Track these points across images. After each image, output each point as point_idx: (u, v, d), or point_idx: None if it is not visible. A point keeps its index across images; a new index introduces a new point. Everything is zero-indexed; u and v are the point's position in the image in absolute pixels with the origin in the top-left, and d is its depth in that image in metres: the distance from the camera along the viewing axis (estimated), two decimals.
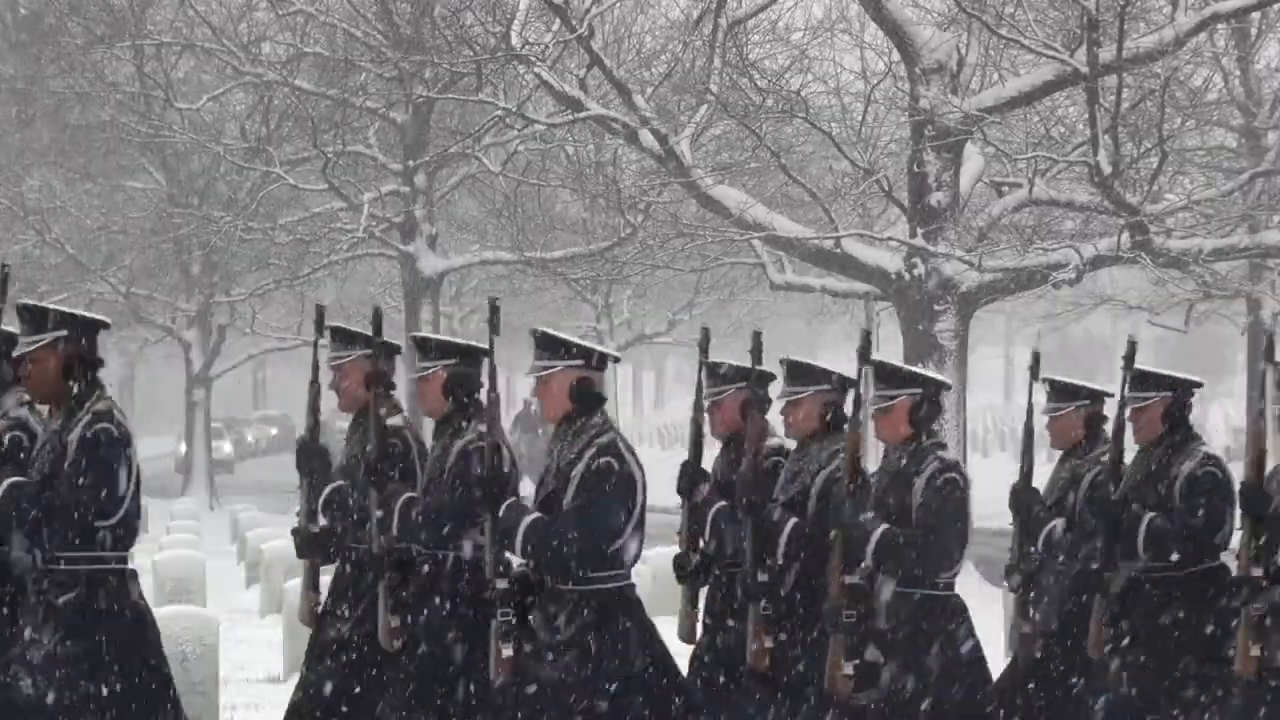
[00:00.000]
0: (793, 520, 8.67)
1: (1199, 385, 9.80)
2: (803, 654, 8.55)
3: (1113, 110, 22.87)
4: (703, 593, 9.14)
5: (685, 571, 9.01)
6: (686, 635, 9.14)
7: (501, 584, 7.83)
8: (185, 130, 36.54)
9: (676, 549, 9.08)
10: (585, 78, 26.21)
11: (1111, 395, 9.80)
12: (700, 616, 9.16)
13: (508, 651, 7.78)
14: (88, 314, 8.40)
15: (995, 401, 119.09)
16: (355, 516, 8.73)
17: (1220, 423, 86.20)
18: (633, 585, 7.98)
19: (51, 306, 8.33)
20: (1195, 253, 24.74)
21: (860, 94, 28.01)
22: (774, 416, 9.32)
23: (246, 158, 36.41)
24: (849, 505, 8.29)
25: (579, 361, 8.09)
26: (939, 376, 8.73)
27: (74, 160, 40.59)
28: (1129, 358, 9.41)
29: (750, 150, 28.14)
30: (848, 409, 8.85)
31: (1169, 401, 9.57)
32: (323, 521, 9.02)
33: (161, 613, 12.73)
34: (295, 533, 9.18)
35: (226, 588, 23.47)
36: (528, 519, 7.80)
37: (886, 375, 8.54)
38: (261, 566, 21.43)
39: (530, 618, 7.78)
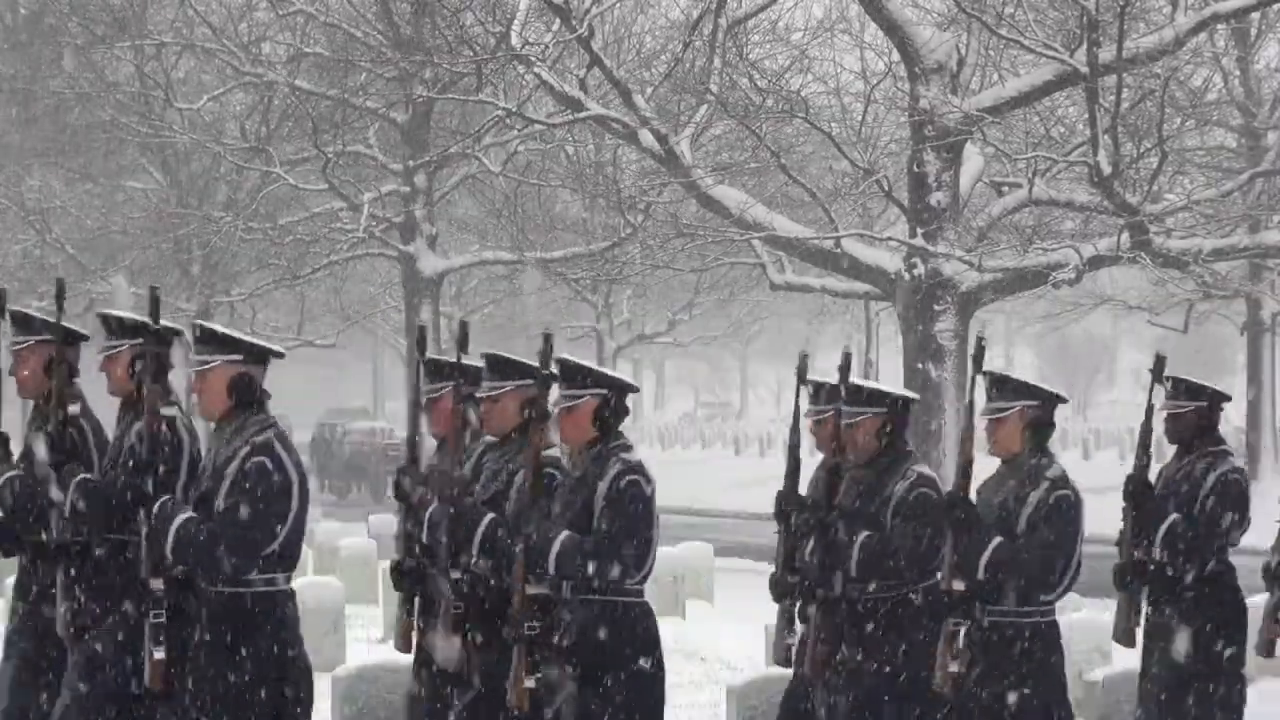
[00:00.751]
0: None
1: (1228, 399, 10.13)
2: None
3: (1113, 110, 22.87)
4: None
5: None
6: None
7: (157, 584, 7.73)
8: (185, 130, 36.53)
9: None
10: (585, 78, 26.20)
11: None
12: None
13: (159, 654, 7.69)
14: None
15: None
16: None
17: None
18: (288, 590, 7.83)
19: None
20: (1195, 253, 24.74)
21: (860, 94, 28.03)
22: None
23: (246, 158, 36.41)
24: (532, 513, 7.94)
25: (237, 356, 8.03)
26: (625, 378, 8.34)
27: (74, 160, 40.59)
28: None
29: (750, 150, 28.14)
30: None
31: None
32: None
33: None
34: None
35: None
36: (179, 518, 7.70)
37: (571, 375, 8.12)
38: None
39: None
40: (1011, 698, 8.45)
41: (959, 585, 8.33)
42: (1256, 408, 39.01)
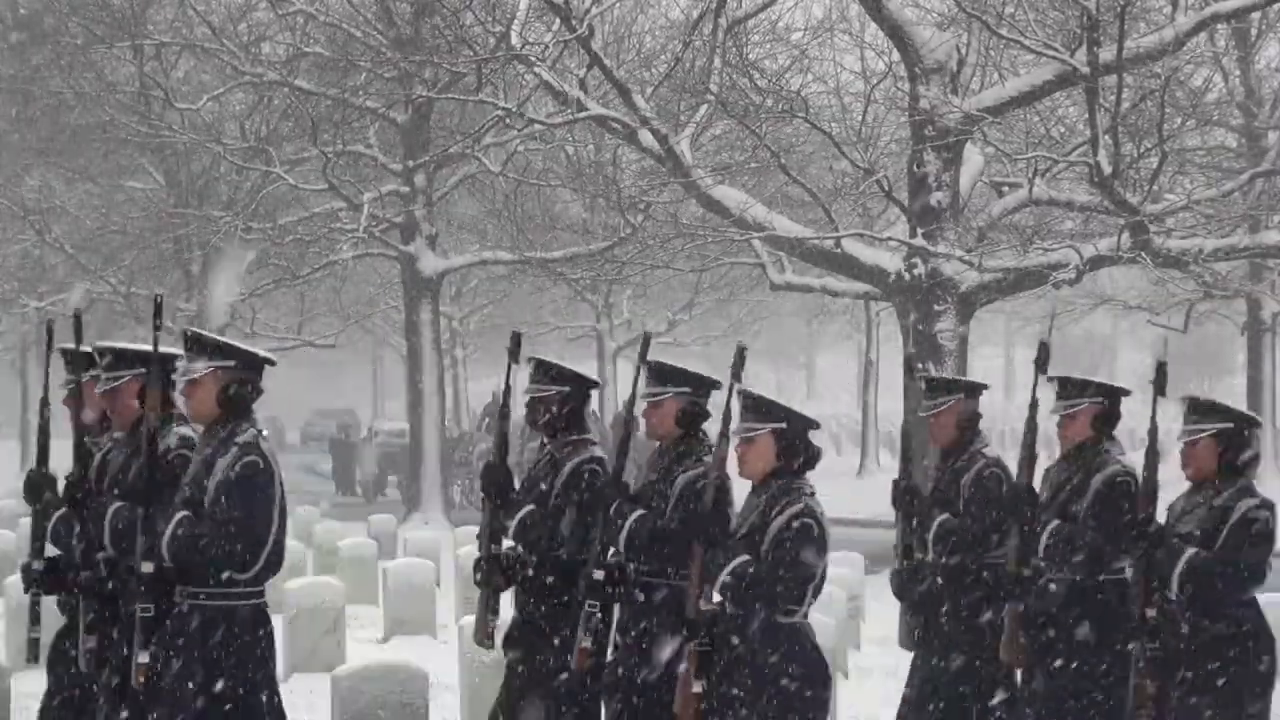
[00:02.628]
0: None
1: (1126, 393, 9.74)
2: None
3: (1113, 110, 22.87)
4: None
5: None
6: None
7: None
8: (185, 130, 36.52)
9: None
10: (585, 78, 26.20)
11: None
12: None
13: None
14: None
15: (995, 401, 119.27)
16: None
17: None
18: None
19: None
20: (1195, 253, 24.74)
21: (860, 94, 28.03)
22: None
23: (246, 158, 36.39)
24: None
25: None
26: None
27: (74, 160, 40.58)
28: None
29: (750, 150, 28.13)
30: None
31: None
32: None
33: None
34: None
35: None
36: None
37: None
38: None
39: None
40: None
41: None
42: (1256, 408, 38.98)
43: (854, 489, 47.19)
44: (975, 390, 9.66)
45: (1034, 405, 8.90)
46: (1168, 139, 24.20)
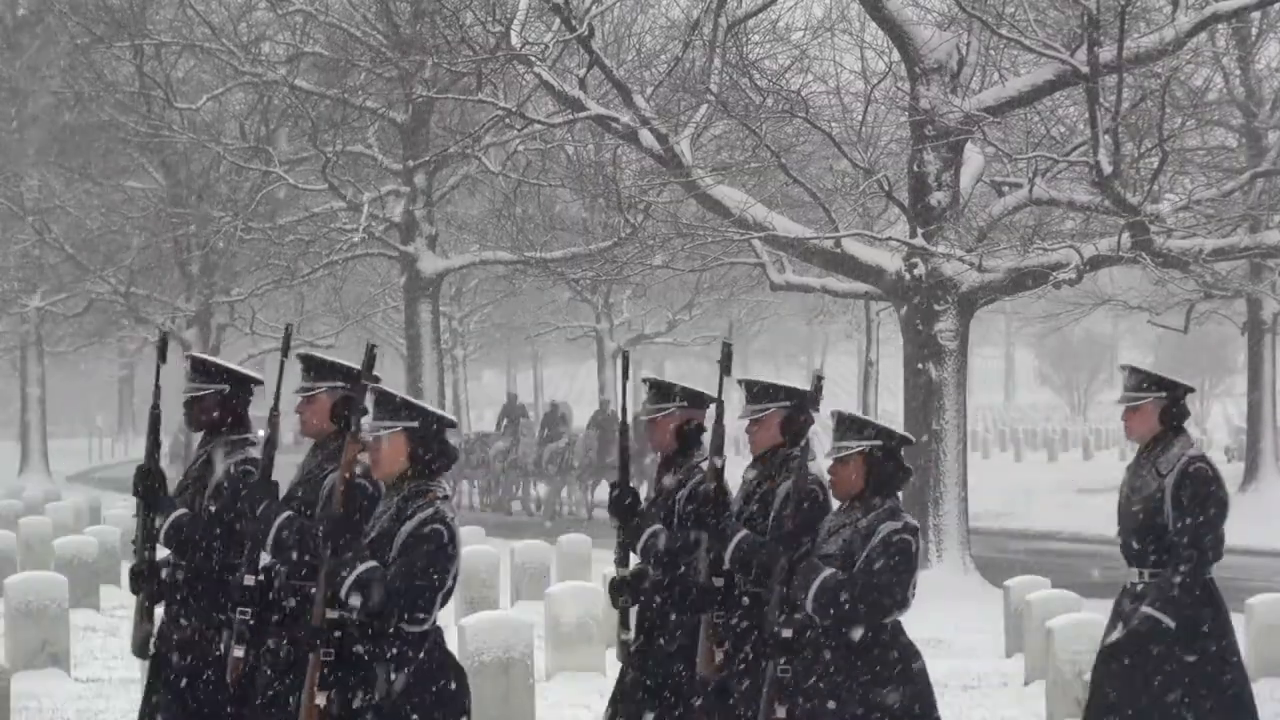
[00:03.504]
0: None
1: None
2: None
3: (1113, 110, 22.86)
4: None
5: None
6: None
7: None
8: (185, 130, 36.53)
9: None
10: (585, 78, 26.19)
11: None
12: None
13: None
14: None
15: (995, 401, 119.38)
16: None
17: (1221, 422, 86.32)
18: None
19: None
20: (1195, 253, 24.72)
21: (860, 94, 27.97)
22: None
23: (246, 158, 36.40)
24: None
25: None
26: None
27: (74, 160, 40.60)
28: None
29: (750, 150, 28.11)
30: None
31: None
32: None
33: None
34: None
35: None
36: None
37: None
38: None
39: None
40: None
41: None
42: (1257, 408, 38.96)
43: None
44: (699, 400, 9.08)
45: (720, 407, 8.67)
46: (1168, 139, 24.18)
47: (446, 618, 18.84)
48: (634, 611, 8.92)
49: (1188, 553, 9.10)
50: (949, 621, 19.82)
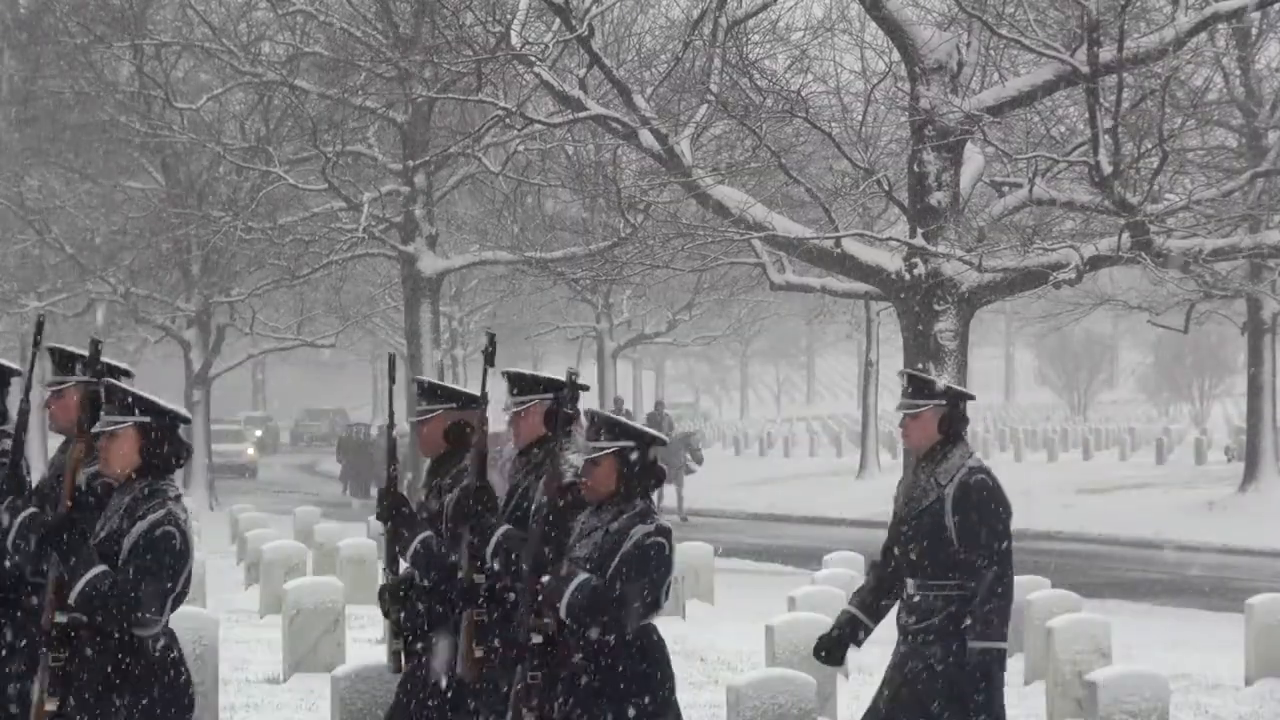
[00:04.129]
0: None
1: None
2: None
3: (1113, 110, 22.86)
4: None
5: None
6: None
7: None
8: (185, 130, 36.54)
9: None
10: (585, 78, 26.19)
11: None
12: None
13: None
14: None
15: (995, 401, 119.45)
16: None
17: (1221, 422, 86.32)
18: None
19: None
20: (1195, 253, 24.72)
21: (860, 94, 27.99)
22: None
23: (246, 158, 36.40)
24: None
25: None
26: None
27: (74, 160, 40.61)
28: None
29: (750, 150, 28.11)
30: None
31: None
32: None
33: None
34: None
35: (226, 588, 23.47)
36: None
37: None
38: (261, 567, 21.40)
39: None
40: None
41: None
42: (1257, 408, 38.96)
43: (854, 489, 47.23)
44: (470, 402, 8.81)
45: (484, 398, 8.47)
46: (1168, 139, 24.18)
47: None
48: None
49: (987, 568, 8.72)
50: None
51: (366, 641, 17.77)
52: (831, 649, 9.14)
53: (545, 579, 7.57)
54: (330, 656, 15.32)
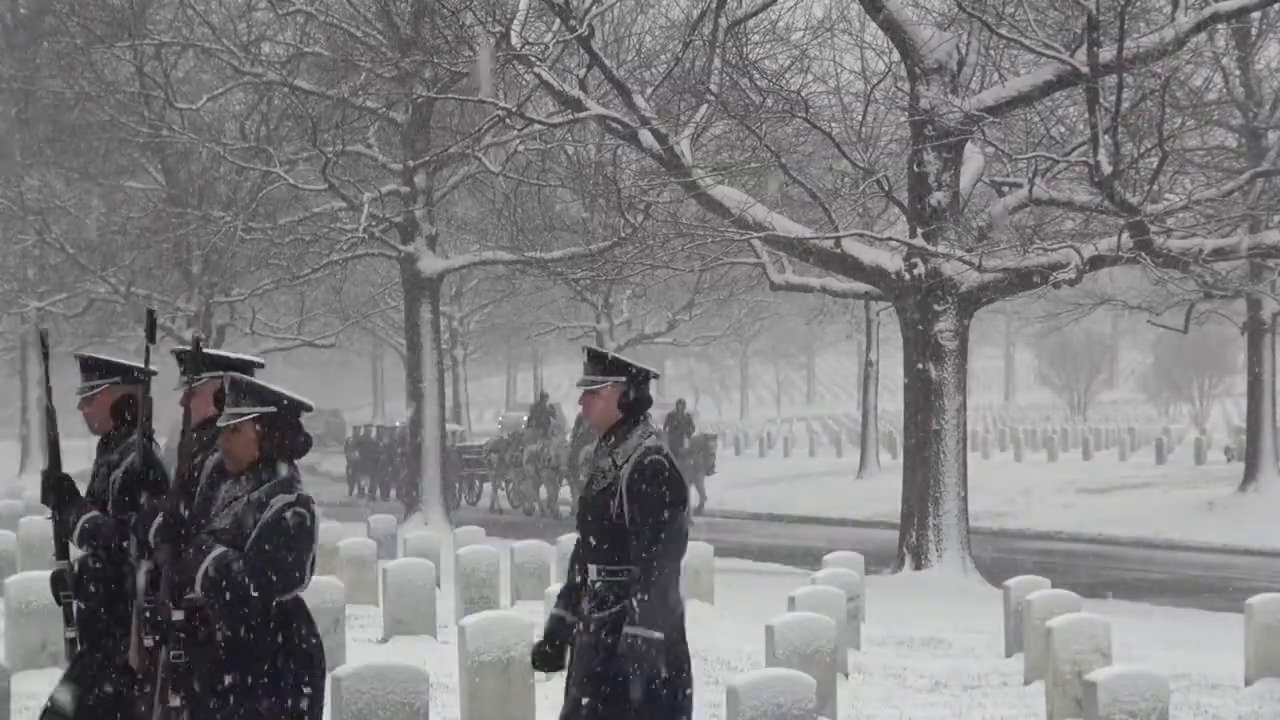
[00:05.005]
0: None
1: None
2: None
3: (1113, 110, 22.87)
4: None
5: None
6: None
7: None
8: (185, 130, 36.52)
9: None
10: (585, 78, 26.20)
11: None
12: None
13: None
14: None
15: (995, 401, 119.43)
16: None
17: (1221, 422, 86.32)
18: None
19: None
20: (1195, 253, 24.73)
21: (860, 94, 28.01)
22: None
23: (246, 158, 36.39)
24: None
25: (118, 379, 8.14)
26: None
27: (74, 160, 40.60)
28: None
29: (750, 150, 28.13)
30: None
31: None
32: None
33: None
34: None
35: None
36: None
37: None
38: None
39: None
40: None
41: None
42: (1256, 408, 38.96)
43: (854, 489, 47.21)
44: (130, 373, 8.50)
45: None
46: (1168, 139, 24.20)
47: (446, 617, 18.87)
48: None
49: (649, 556, 8.23)
50: (949, 621, 19.82)
51: (367, 641, 17.77)
52: (546, 659, 8.53)
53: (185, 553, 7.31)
54: (330, 656, 15.32)
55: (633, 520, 8.25)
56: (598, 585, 8.30)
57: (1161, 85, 23.98)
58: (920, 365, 25.06)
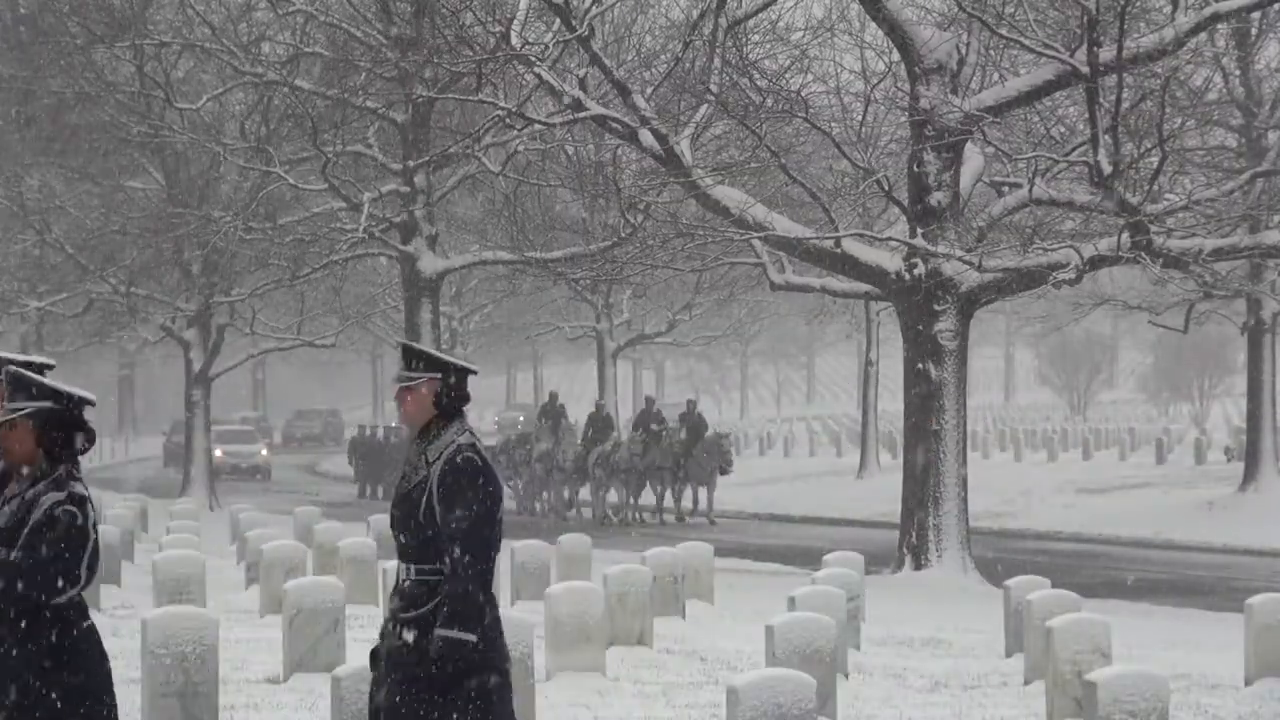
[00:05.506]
0: None
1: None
2: None
3: (1113, 110, 22.87)
4: None
5: None
6: None
7: None
8: (185, 130, 36.53)
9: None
10: (585, 78, 26.20)
11: None
12: None
13: None
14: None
15: (995, 401, 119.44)
16: None
17: (1221, 422, 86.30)
18: None
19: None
20: (1195, 253, 24.73)
21: (860, 94, 28.00)
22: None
23: (246, 158, 36.40)
24: None
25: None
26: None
27: (74, 160, 40.61)
28: None
29: (750, 150, 28.13)
30: None
31: None
32: None
33: (161, 613, 12.72)
34: None
35: (226, 588, 23.47)
36: None
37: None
38: (261, 566, 21.40)
39: None
40: None
41: None
42: (1256, 408, 38.95)
43: (854, 489, 47.21)
44: None
45: None
46: (1168, 139, 24.19)
47: None
48: None
49: (460, 553, 8.02)
50: (949, 621, 19.82)
51: (367, 641, 17.78)
52: (376, 659, 8.39)
53: None
54: (330, 656, 15.31)
55: (443, 519, 8.01)
56: (408, 584, 8.09)
57: (1161, 85, 23.98)
58: (920, 365, 25.06)
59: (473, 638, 7.90)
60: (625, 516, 38.63)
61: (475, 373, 8.42)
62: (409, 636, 7.89)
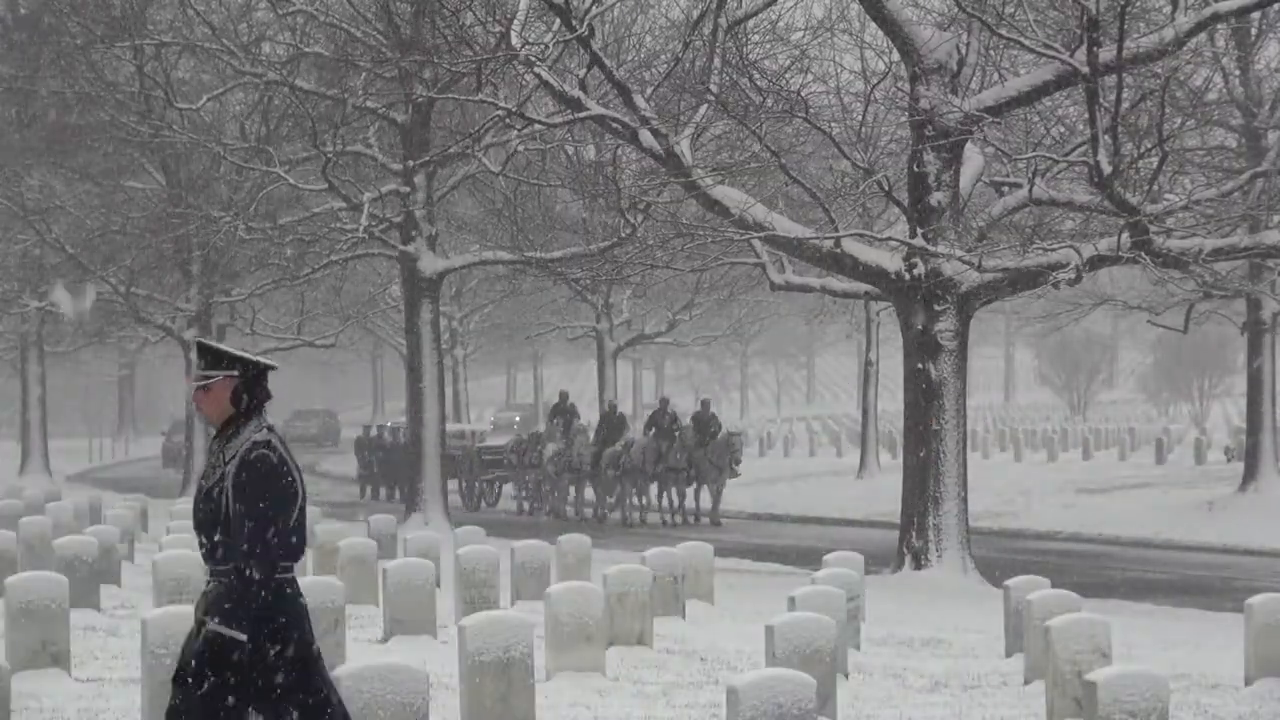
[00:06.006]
0: None
1: None
2: None
3: (1113, 110, 22.87)
4: None
5: None
6: None
7: None
8: (185, 130, 36.53)
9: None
10: (585, 78, 26.20)
11: None
12: None
13: None
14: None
15: (995, 401, 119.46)
16: None
17: (1220, 422, 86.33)
18: None
19: None
20: (1195, 253, 24.72)
21: (860, 94, 28.00)
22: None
23: (246, 158, 36.39)
24: None
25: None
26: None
27: (74, 160, 40.62)
28: None
29: (750, 150, 28.13)
30: None
31: None
32: None
33: (161, 613, 12.72)
34: None
35: None
36: None
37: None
38: None
39: None
40: None
41: None
42: (1256, 408, 38.96)
43: (854, 489, 47.22)
44: None
45: None
46: (1168, 139, 24.19)
47: (446, 617, 18.83)
48: None
49: (247, 552, 7.99)
50: (949, 621, 19.83)
51: (367, 641, 17.78)
52: None
53: None
54: (330, 656, 15.30)
55: (236, 517, 7.99)
56: (208, 586, 8.04)
57: (1161, 85, 23.98)
58: (920, 365, 25.06)
59: (243, 637, 7.82)
60: (626, 515, 38.59)
61: (274, 369, 8.42)
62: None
